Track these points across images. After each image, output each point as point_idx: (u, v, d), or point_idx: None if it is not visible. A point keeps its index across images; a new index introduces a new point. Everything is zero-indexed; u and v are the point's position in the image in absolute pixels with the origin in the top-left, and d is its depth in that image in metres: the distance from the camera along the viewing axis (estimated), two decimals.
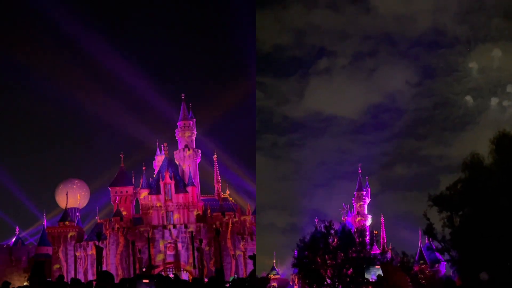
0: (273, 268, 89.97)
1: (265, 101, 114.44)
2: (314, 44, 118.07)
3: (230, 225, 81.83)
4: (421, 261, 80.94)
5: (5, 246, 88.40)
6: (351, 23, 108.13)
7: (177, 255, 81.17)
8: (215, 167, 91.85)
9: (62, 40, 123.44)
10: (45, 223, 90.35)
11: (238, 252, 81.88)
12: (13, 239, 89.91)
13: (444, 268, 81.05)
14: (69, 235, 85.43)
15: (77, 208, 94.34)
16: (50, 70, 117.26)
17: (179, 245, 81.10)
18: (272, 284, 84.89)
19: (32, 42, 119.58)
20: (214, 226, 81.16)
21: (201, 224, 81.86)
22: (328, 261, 66.40)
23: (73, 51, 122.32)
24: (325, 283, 66.32)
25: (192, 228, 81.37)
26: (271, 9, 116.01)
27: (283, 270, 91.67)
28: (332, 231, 68.30)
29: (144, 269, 76.97)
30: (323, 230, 68.43)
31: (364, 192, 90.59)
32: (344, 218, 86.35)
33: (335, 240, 67.90)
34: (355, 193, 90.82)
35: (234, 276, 76.03)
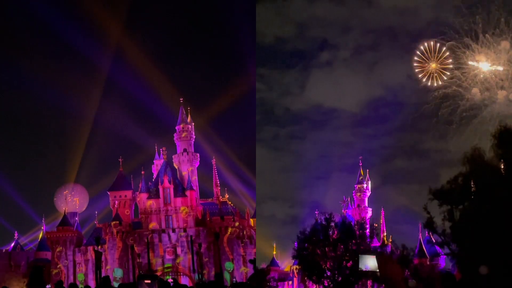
0: (273, 260, 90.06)
1: (266, 93, 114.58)
2: (315, 37, 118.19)
3: (229, 229, 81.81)
4: (421, 255, 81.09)
5: (4, 251, 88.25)
6: (353, 16, 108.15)
7: (176, 259, 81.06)
8: (213, 171, 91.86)
9: (61, 44, 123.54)
10: (44, 228, 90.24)
11: (237, 257, 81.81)
12: (12, 244, 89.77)
13: (443, 262, 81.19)
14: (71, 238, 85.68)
15: (76, 213, 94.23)
16: (48, 73, 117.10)
17: (178, 249, 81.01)
18: (272, 275, 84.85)
19: (30, 46, 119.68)
20: (213, 230, 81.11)
21: (200, 228, 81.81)
22: (328, 253, 66.52)
23: (71, 55, 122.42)
24: (325, 275, 66.48)
25: (191, 232, 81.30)
26: (273, 1, 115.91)
27: (283, 261, 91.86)
28: (332, 224, 68.48)
29: (142, 273, 76.78)
30: (324, 222, 68.61)
31: (365, 185, 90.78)
32: (344, 210, 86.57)
33: (335, 232, 68.04)
34: (355, 185, 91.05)
35: (232, 280, 75.98)
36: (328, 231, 67.69)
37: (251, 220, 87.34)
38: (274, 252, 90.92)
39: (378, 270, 65.29)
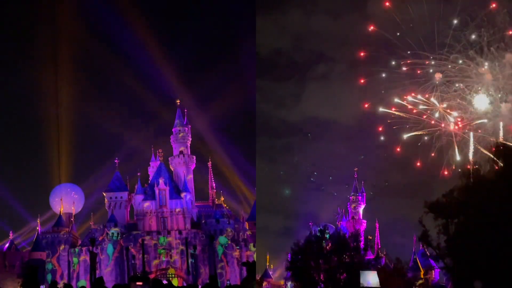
0: (266, 271, 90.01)
1: (262, 104, 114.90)
2: (312, 50, 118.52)
3: (224, 231, 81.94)
4: (415, 268, 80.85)
5: None
6: (349, 29, 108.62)
7: (171, 261, 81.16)
8: (209, 174, 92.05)
9: (57, 43, 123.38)
10: (39, 228, 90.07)
11: (231, 259, 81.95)
12: (7, 244, 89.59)
13: (437, 276, 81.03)
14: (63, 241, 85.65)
15: (72, 213, 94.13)
16: (45, 73, 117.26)
17: (173, 251, 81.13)
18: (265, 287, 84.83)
19: (26, 45, 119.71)
20: (208, 232, 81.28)
21: (195, 230, 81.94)
22: (321, 266, 66.40)
23: (69, 55, 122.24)
24: (318, 287, 66.31)
25: (186, 234, 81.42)
26: (271, 14, 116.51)
27: (277, 273, 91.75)
28: (326, 235, 68.38)
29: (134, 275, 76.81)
30: (318, 234, 68.53)
31: (360, 197, 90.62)
32: (338, 222, 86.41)
33: (329, 244, 67.93)
34: (350, 197, 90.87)
35: (228, 282, 76.13)
36: (322, 243, 67.54)
37: (246, 223, 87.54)
38: (268, 264, 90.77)
39: (379, 286, 65.12)
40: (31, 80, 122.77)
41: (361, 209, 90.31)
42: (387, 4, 67.62)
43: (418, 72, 68.91)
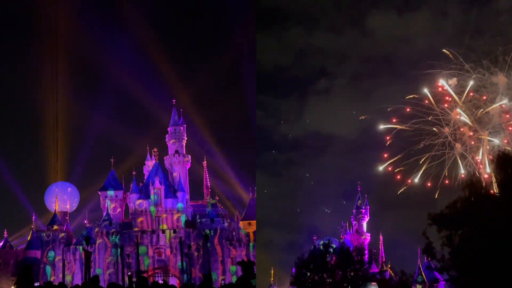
0: (270, 286, 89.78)
1: (264, 119, 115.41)
2: (313, 65, 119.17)
3: (219, 231, 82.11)
4: (420, 281, 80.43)
5: None
6: (350, 45, 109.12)
7: (165, 260, 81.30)
8: (204, 173, 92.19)
9: (51, 42, 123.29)
10: (33, 226, 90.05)
11: (226, 258, 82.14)
12: (1, 242, 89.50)
13: None
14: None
15: (66, 212, 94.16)
16: (40, 72, 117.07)
17: (168, 250, 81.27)
18: None
19: (22, 46, 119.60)
20: (203, 231, 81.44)
21: (190, 230, 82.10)
22: (326, 280, 66.19)
23: (65, 54, 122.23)
24: None
25: (181, 233, 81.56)
26: (273, 30, 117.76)
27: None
28: (330, 249, 68.22)
29: (130, 274, 76.83)
30: (322, 248, 68.40)
31: (363, 210, 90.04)
32: (342, 236, 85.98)
33: (334, 258, 67.69)
34: (354, 211, 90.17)
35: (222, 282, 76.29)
36: (326, 257, 67.32)
37: (241, 223, 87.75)
38: (272, 278, 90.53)
39: None
40: (30, 77, 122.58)
41: (364, 222, 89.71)
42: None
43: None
